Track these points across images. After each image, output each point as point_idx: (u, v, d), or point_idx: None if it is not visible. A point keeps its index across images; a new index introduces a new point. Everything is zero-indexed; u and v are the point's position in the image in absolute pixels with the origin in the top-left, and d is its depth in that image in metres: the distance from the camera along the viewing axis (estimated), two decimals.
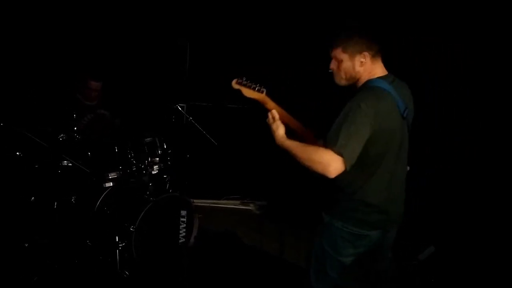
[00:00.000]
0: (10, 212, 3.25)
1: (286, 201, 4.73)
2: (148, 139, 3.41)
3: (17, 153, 3.06)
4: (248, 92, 2.02)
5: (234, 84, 2.01)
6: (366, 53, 1.90)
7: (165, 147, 3.47)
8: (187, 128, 4.10)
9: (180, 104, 3.96)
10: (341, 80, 2.00)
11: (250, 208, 5.11)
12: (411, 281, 3.24)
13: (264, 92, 2.02)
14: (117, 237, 2.97)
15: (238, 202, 5.19)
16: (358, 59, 1.91)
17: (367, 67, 1.93)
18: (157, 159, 3.42)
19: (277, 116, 1.99)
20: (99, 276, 3.02)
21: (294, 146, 1.88)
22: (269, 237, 4.02)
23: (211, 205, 5.02)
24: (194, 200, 3.48)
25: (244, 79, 2.01)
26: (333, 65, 1.99)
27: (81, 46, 4.50)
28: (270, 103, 2.06)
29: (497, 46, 3.48)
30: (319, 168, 1.75)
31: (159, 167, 3.41)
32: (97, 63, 3.75)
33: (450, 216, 3.62)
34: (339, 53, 1.93)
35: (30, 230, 3.20)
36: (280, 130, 1.96)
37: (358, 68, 1.92)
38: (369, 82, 1.92)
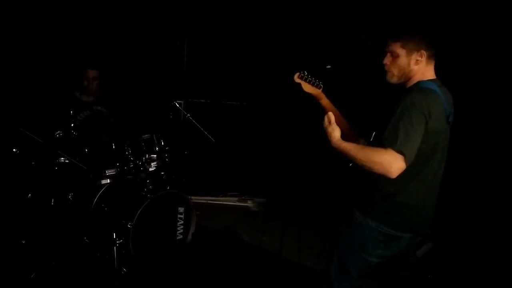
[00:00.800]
0: (6, 209, 3.24)
1: (284, 198, 4.73)
2: (146, 136, 3.40)
3: (14, 149, 3.05)
4: (307, 87, 2.04)
5: (296, 78, 2.02)
6: (423, 52, 1.92)
7: (162, 144, 3.46)
8: (184, 125, 4.09)
9: (177, 101, 3.95)
10: (393, 77, 2.01)
11: (248, 205, 5.11)
12: (408, 277, 3.25)
13: (321, 88, 2.02)
14: (114, 234, 2.96)
15: (236, 199, 5.19)
16: (415, 57, 1.93)
17: (421, 66, 1.94)
18: (155, 156, 3.41)
19: (333, 118, 1.97)
20: (96, 273, 3.02)
21: (351, 148, 1.87)
22: (267, 234, 4.02)
23: (209, 202, 5.02)
24: (192, 197, 3.48)
25: (306, 73, 2.01)
26: (387, 60, 2.00)
27: (79, 44, 4.48)
28: (324, 99, 2.08)
29: (497, 46, 3.48)
30: (380, 169, 1.75)
31: (156, 164, 3.40)
32: (95, 61, 3.74)
33: (447, 213, 3.62)
34: (397, 48, 1.95)
35: (27, 227, 3.19)
36: (336, 133, 1.94)
37: (413, 66, 1.94)
38: (421, 83, 1.93)
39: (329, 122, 1.97)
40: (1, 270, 2.88)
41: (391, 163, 1.72)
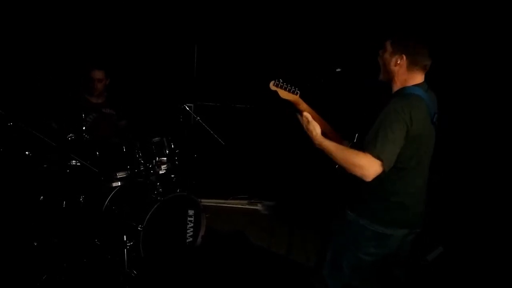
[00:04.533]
0: (19, 211, 3.28)
1: (294, 201, 4.72)
2: (156, 139, 3.42)
3: (26, 152, 3.09)
4: (284, 94, 2.07)
5: (272, 86, 2.07)
6: (404, 57, 1.95)
7: (172, 147, 3.48)
8: (194, 128, 4.11)
9: (187, 104, 3.97)
10: (380, 72, 2.08)
11: (257, 208, 5.11)
12: (419, 282, 3.23)
13: (298, 94, 2.06)
14: (125, 236, 2.98)
15: (245, 202, 5.20)
16: (396, 58, 1.97)
17: (401, 71, 1.98)
18: (165, 158, 3.43)
19: (310, 117, 2.03)
20: (107, 275, 3.04)
21: (333, 147, 1.93)
22: (277, 237, 4.02)
23: (218, 204, 5.03)
24: (202, 200, 3.49)
25: (281, 81, 2.05)
26: (381, 52, 2.06)
27: (91, 47, 4.53)
28: (302, 105, 2.11)
29: (497, 46, 3.46)
30: (357, 171, 1.81)
31: (166, 166, 3.42)
32: (106, 64, 3.77)
33: (459, 216, 3.59)
34: (388, 44, 2.02)
35: (39, 229, 3.22)
36: (317, 130, 2.00)
37: (392, 66, 1.99)
38: (405, 89, 1.97)
39: (308, 121, 2.02)
40: (13, 271, 2.91)
41: (368, 167, 1.79)
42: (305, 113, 2.04)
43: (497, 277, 3.14)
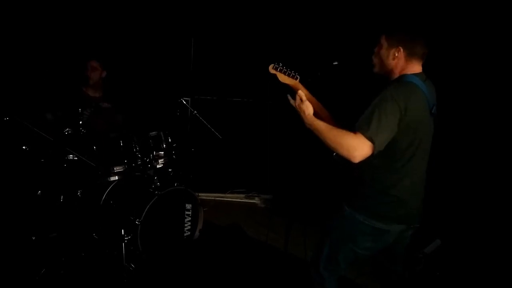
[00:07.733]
0: (17, 206, 3.28)
1: (291, 194, 4.73)
2: (153, 133, 3.42)
3: (24, 147, 3.08)
4: (283, 78, 2.06)
5: (271, 69, 2.06)
6: (401, 49, 1.95)
7: (170, 141, 3.48)
8: (191, 122, 4.11)
9: (184, 98, 3.96)
10: (375, 66, 2.07)
11: (255, 201, 5.13)
12: (417, 274, 3.24)
13: (298, 79, 2.04)
14: (123, 230, 2.99)
15: (243, 195, 5.21)
16: (393, 52, 1.97)
17: (399, 62, 1.98)
18: (162, 153, 3.42)
19: (303, 96, 1.99)
20: (105, 269, 3.05)
21: (323, 127, 1.91)
22: (274, 230, 4.03)
23: (216, 198, 5.04)
24: (199, 194, 3.50)
25: (280, 64, 2.04)
26: (376, 48, 2.05)
27: (88, 41, 4.51)
28: (302, 90, 2.10)
29: (497, 46, 3.46)
30: (344, 152, 1.79)
31: (164, 161, 3.42)
32: (103, 58, 3.75)
33: (456, 209, 3.61)
34: (383, 39, 2.01)
35: (37, 223, 3.23)
36: (309, 110, 1.98)
37: (390, 60, 1.98)
38: (403, 77, 1.96)
39: (301, 100, 1.99)
40: (12, 266, 2.92)
41: (356, 147, 1.77)
42: (299, 91, 2.00)
43: (495, 269, 3.16)
